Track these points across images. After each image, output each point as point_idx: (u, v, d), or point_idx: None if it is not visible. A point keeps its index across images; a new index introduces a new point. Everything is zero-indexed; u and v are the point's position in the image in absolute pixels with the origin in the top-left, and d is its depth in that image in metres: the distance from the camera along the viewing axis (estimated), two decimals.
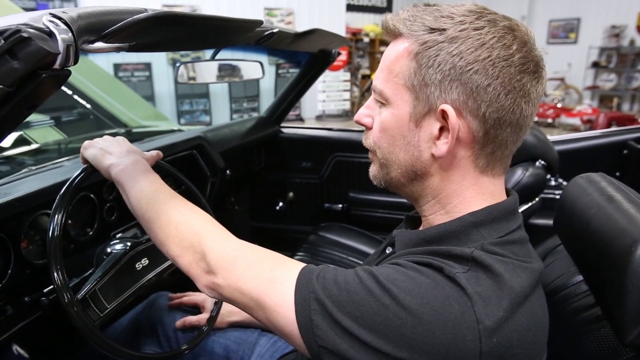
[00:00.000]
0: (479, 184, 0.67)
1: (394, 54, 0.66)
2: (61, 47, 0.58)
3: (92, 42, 0.66)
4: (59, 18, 0.60)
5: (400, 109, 0.66)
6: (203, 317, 1.15)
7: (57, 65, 0.59)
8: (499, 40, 0.61)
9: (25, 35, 0.55)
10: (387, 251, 0.82)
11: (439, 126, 0.64)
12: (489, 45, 0.61)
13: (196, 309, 1.21)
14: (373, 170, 0.75)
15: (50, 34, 0.58)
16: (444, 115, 0.63)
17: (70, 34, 0.60)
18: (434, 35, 0.62)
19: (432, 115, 0.64)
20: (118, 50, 0.71)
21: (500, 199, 0.68)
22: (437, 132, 0.64)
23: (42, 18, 0.59)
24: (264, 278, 0.65)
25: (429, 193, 0.70)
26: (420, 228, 0.76)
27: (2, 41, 0.54)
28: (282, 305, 0.62)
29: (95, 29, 0.65)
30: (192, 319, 1.15)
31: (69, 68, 0.62)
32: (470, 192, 0.67)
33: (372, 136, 0.72)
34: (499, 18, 0.63)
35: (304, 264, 0.66)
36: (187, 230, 0.74)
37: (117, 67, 7.06)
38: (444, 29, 0.62)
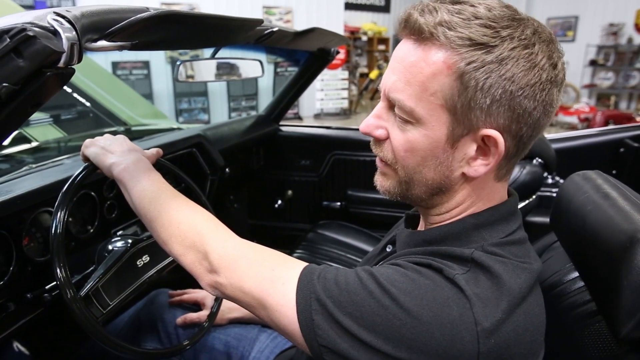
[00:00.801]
0: (492, 191, 0.67)
1: (429, 68, 0.59)
2: (66, 45, 0.59)
3: (95, 40, 0.67)
4: (63, 17, 0.60)
5: (435, 131, 0.61)
6: (203, 313, 1.16)
7: (61, 64, 0.60)
8: (548, 59, 0.58)
9: (30, 33, 0.55)
10: (388, 249, 0.82)
11: (476, 147, 0.61)
12: (540, 67, 0.57)
13: (196, 305, 1.22)
14: (386, 185, 0.70)
15: (55, 33, 0.59)
16: (484, 138, 0.60)
17: (74, 32, 0.60)
18: (481, 54, 0.56)
19: (471, 136, 0.61)
20: (121, 48, 0.72)
21: (503, 199, 0.69)
22: (473, 154, 0.62)
23: (46, 17, 0.59)
24: (266, 277, 0.65)
25: (446, 206, 0.68)
26: (421, 227, 0.77)
27: (8, 40, 0.55)
28: (284, 304, 0.63)
29: (99, 28, 0.66)
30: (192, 315, 1.16)
31: (72, 66, 0.63)
32: (483, 201, 0.67)
33: (393, 152, 0.66)
34: (537, 27, 0.59)
35: (305, 264, 0.66)
36: (189, 230, 0.74)
37: (115, 65, 7.05)
38: (493, 46, 0.56)
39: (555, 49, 0.60)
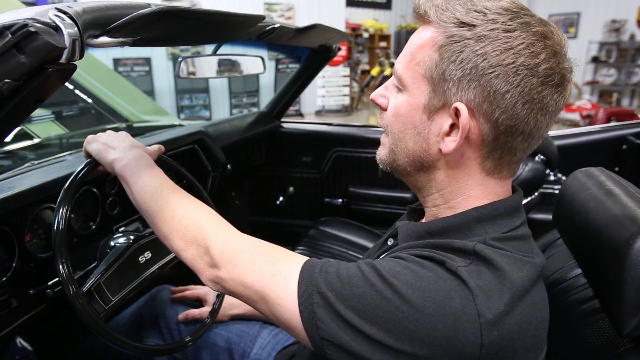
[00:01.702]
0: (484, 185, 0.67)
1: (419, 40, 0.65)
2: (67, 41, 0.59)
3: (97, 36, 0.67)
4: (65, 12, 0.60)
5: (416, 98, 0.66)
6: (205, 309, 1.16)
7: (63, 60, 0.60)
8: (528, 47, 0.59)
9: (32, 29, 0.55)
10: (389, 243, 0.82)
11: (450, 122, 0.63)
12: (515, 50, 0.58)
13: (198, 302, 1.22)
14: (381, 153, 0.74)
15: (57, 29, 0.59)
16: (456, 112, 0.62)
17: (75, 28, 0.61)
18: (462, 30, 0.60)
19: (446, 110, 0.63)
20: (122, 44, 0.72)
21: (506, 195, 0.69)
22: (447, 128, 0.64)
23: (48, 12, 0.59)
24: (267, 272, 0.66)
25: (433, 186, 0.70)
26: (424, 220, 0.76)
27: (10, 36, 0.55)
28: (285, 298, 0.63)
29: (100, 24, 0.66)
30: (194, 312, 1.16)
31: (74, 62, 0.63)
32: (475, 192, 0.67)
33: (385, 118, 0.72)
34: (535, 22, 0.60)
35: (306, 258, 0.66)
36: (191, 224, 0.74)
37: (116, 61, 7.04)
38: (474, 25, 0.60)
39: (546, 43, 0.59)
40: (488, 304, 0.56)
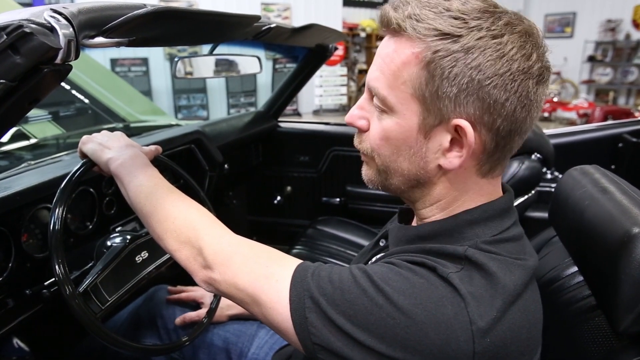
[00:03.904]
0: (478, 186, 0.66)
1: (399, 58, 0.60)
2: (62, 42, 0.59)
3: (93, 37, 0.67)
4: (60, 13, 0.60)
5: (407, 120, 0.62)
6: (202, 311, 1.16)
7: (58, 60, 0.60)
8: (519, 50, 0.57)
9: (27, 30, 0.55)
10: (381, 244, 0.82)
11: (450, 138, 0.61)
12: (509, 57, 0.57)
13: (196, 303, 1.22)
14: (369, 174, 0.71)
15: (52, 29, 0.59)
16: (456, 128, 0.60)
17: (71, 29, 0.60)
18: (448, 43, 0.57)
19: (444, 126, 0.61)
20: (118, 45, 0.72)
21: (496, 196, 0.68)
22: (447, 145, 0.61)
23: (43, 13, 0.59)
24: (260, 274, 0.65)
25: (427, 199, 0.68)
26: (414, 223, 0.76)
27: (5, 36, 0.55)
28: (277, 302, 0.63)
29: (96, 24, 0.66)
30: (191, 314, 1.15)
31: (70, 63, 0.63)
32: (469, 195, 0.66)
33: (370, 142, 0.67)
34: (514, 20, 0.59)
35: (299, 261, 0.66)
36: (185, 225, 0.74)
37: (113, 62, 7.04)
38: (459, 36, 0.56)
39: (532, 41, 0.59)
40: (480, 311, 0.56)
